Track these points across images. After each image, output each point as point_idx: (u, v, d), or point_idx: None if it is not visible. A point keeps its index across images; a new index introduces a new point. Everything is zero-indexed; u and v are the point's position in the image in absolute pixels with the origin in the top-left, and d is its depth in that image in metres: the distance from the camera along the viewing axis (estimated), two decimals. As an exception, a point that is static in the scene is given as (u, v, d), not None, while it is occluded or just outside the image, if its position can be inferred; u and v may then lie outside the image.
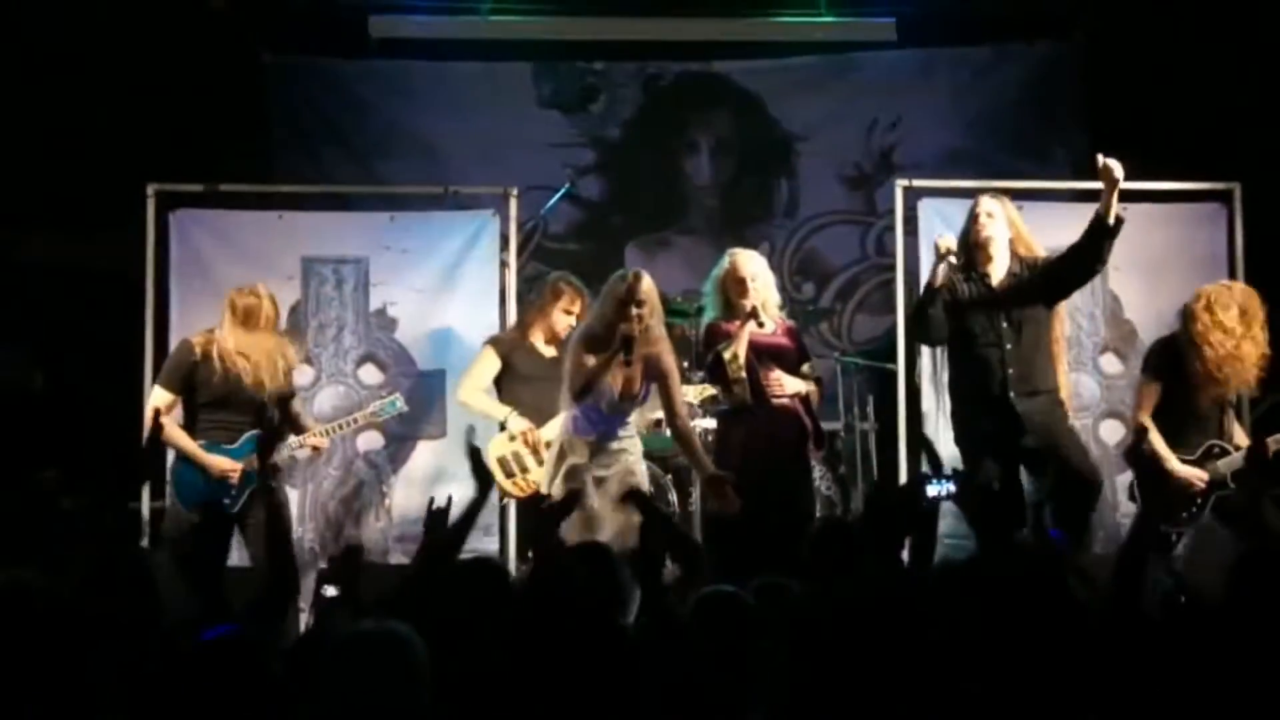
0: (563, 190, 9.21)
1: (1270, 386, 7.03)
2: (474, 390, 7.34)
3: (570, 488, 6.06)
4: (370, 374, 7.83)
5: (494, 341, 7.46)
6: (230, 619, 3.86)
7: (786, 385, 6.71)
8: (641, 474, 6.62)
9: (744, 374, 6.60)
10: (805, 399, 6.79)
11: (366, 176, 9.47)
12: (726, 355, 6.57)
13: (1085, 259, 6.67)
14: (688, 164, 10.22)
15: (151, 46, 8.98)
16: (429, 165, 9.54)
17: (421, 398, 7.69)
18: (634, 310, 6.32)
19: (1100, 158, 6.55)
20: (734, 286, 6.76)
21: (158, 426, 5.66)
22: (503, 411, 7.23)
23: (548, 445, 6.91)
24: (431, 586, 4.00)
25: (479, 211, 8.02)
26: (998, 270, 6.72)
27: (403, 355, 7.84)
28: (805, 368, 6.87)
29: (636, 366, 6.39)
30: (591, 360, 6.34)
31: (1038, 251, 6.82)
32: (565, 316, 7.33)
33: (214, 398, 6.82)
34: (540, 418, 7.13)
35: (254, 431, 6.81)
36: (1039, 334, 6.69)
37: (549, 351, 7.34)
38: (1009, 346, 6.59)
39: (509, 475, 7.16)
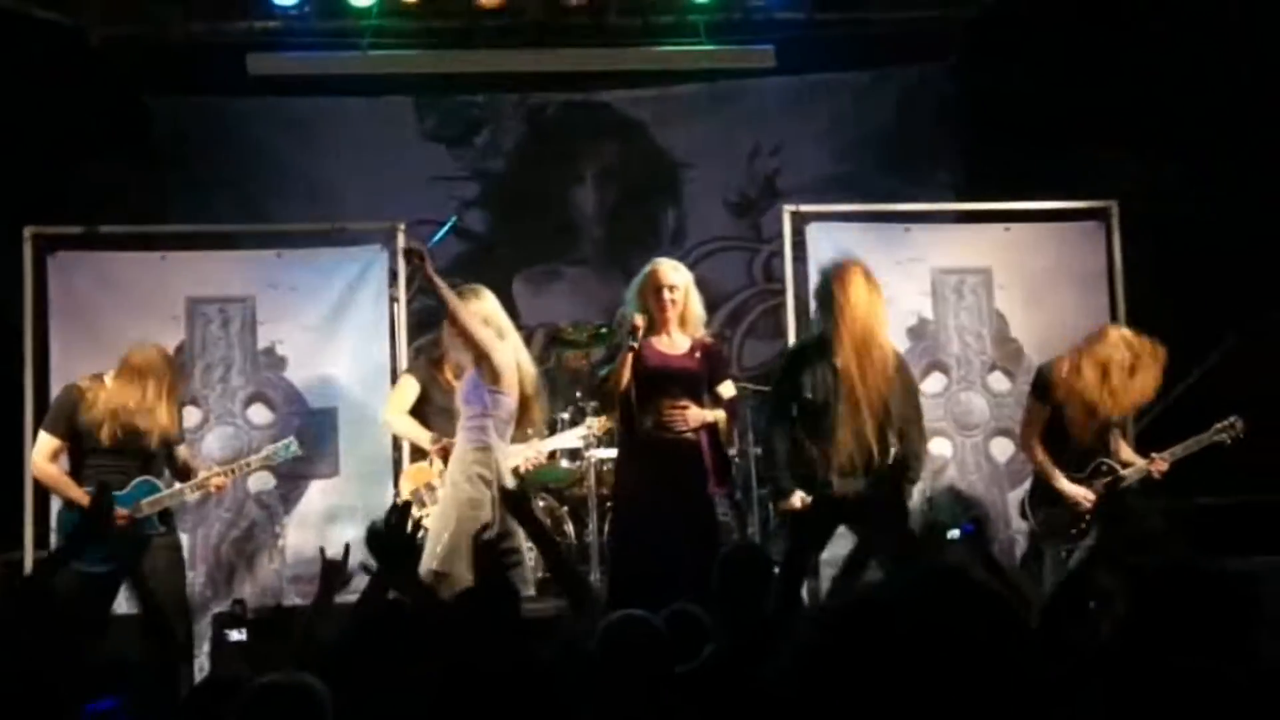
0: (449, 224, 9.12)
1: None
2: (399, 414, 7.36)
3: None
4: (260, 414, 7.73)
5: (411, 370, 7.54)
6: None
7: (690, 418, 6.57)
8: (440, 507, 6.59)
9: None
10: (713, 430, 6.65)
11: (252, 214, 9.33)
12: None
13: None
14: (573, 194, 10.23)
15: (28, 85, 8.80)
16: (314, 201, 9.45)
17: (313, 436, 7.59)
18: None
19: None
20: (651, 297, 6.61)
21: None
22: (427, 436, 7.20)
23: None
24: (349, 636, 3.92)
25: (366, 247, 7.97)
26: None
27: (293, 394, 7.74)
28: (722, 388, 6.73)
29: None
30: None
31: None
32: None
33: (101, 443, 6.67)
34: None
35: (143, 477, 6.68)
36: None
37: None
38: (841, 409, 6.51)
39: (422, 506, 7.19)
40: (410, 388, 7.38)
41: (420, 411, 7.33)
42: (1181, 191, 8.71)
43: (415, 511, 7.04)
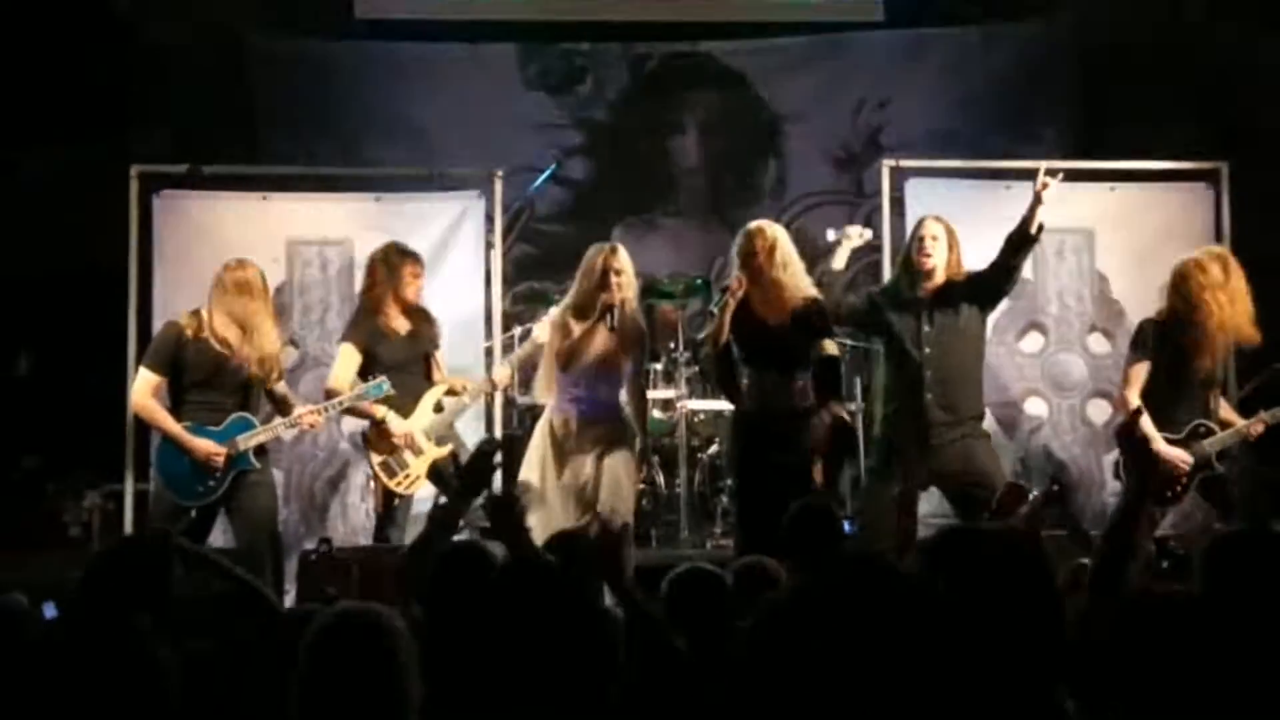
0: (549, 171, 9.18)
1: (1256, 367, 7.01)
2: (342, 387, 6.98)
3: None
4: (355, 356, 7.80)
5: (349, 338, 7.08)
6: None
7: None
8: (622, 465, 6.48)
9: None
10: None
11: (352, 158, 9.39)
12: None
13: (1000, 272, 6.63)
14: (675, 145, 10.19)
15: (136, 26, 8.92)
16: (415, 147, 9.49)
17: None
18: (613, 279, 6.41)
19: (1041, 174, 6.48)
20: (740, 262, 6.48)
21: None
22: (380, 411, 7.00)
23: (424, 434, 6.98)
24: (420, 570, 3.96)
25: (464, 193, 7.99)
26: (928, 290, 6.64)
27: (388, 337, 7.80)
28: (825, 344, 6.47)
29: (616, 337, 6.42)
30: (577, 329, 6.43)
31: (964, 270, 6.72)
32: (415, 281, 7.11)
33: (200, 378, 6.73)
34: (411, 404, 7.03)
35: (239, 413, 6.77)
36: (965, 351, 6.63)
37: (404, 327, 7.08)
38: (929, 350, 6.54)
39: (391, 475, 7.02)
40: (349, 360, 7.04)
41: (368, 373, 7.01)
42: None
43: (387, 481, 7.04)
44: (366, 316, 7.13)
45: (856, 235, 6.90)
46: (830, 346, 6.52)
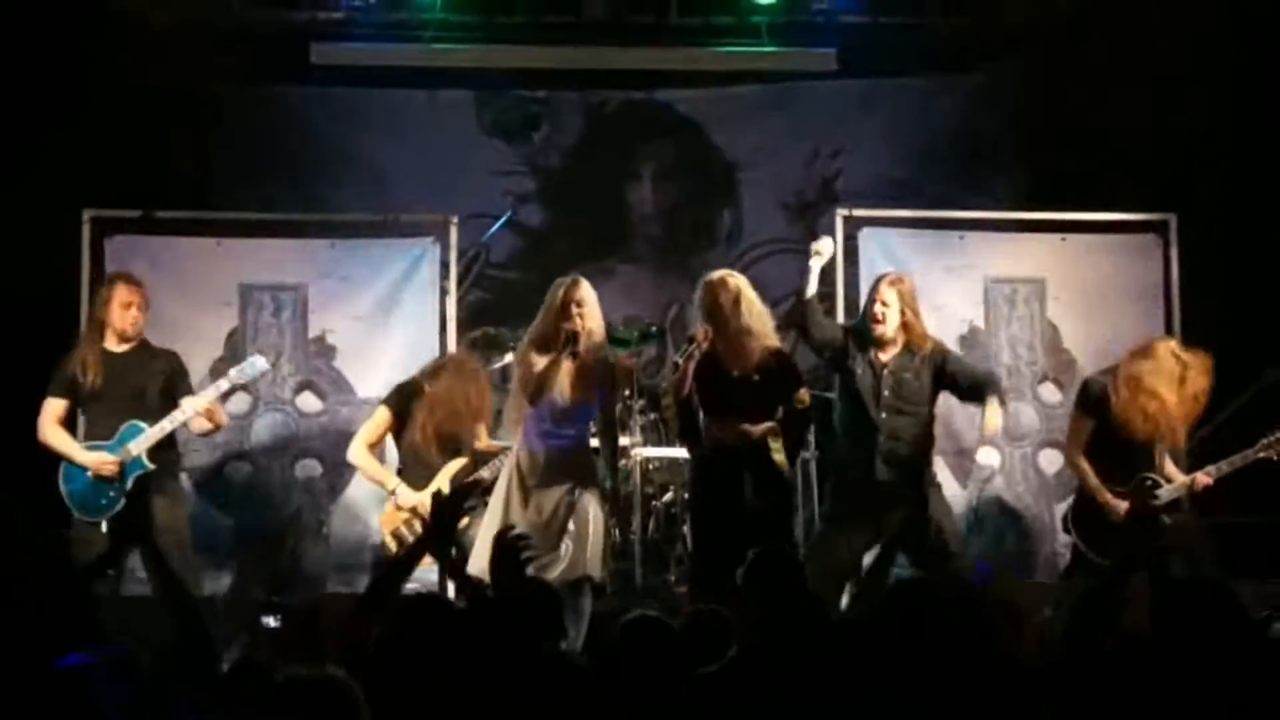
0: (504, 218, 9.18)
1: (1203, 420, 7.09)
2: (363, 450, 7.11)
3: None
4: (308, 401, 7.82)
5: (387, 401, 7.19)
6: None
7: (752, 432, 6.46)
8: (593, 514, 6.45)
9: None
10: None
11: (307, 203, 9.34)
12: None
13: (963, 394, 6.91)
14: (630, 192, 10.19)
15: (90, 70, 8.87)
16: (370, 193, 9.44)
17: (361, 425, 7.61)
18: (574, 309, 6.39)
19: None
20: (704, 312, 6.56)
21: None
22: (392, 482, 7.06)
23: None
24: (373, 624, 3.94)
25: (419, 239, 8.03)
26: (888, 353, 6.73)
27: (342, 383, 7.82)
28: (801, 394, 6.55)
29: (584, 370, 6.41)
30: (541, 361, 6.40)
31: (926, 331, 6.82)
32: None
33: (92, 394, 6.82)
34: (430, 477, 7.00)
35: (131, 421, 6.74)
36: (918, 413, 6.72)
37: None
38: (884, 415, 6.61)
39: (400, 545, 6.93)
40: (379, 421, 7.14)
41: (400, 435, 7.10)
42: (1240, 205, 8.62)
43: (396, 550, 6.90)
44: (412, 391, 7.11)
45: (827, 250, 6.91)
46: (805, 397, 6.56)
